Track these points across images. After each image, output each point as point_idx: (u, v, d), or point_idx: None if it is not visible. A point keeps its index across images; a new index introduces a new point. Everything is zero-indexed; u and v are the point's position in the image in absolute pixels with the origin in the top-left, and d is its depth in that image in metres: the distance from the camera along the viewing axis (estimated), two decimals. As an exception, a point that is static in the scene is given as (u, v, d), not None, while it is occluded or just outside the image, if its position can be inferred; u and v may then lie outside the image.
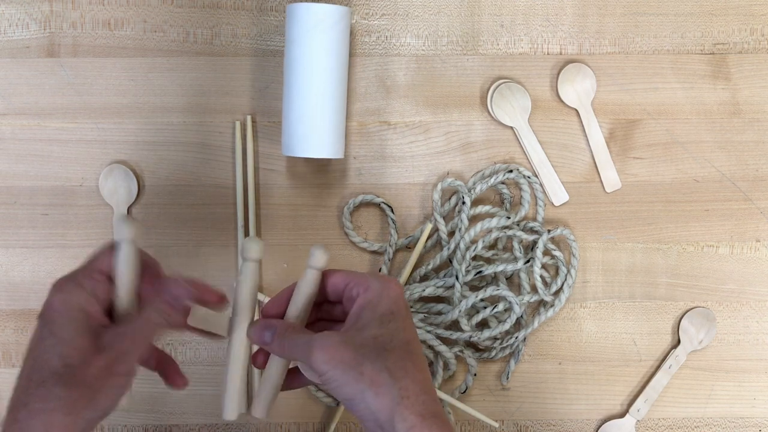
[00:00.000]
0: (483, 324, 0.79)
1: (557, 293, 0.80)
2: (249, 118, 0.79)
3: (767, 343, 0.82)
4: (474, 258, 0.78)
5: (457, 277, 0.77)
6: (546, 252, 0.79)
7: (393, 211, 0.79)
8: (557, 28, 0.79)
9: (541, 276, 0.79)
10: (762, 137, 0.80)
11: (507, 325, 0.77)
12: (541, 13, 0.79)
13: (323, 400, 0.80)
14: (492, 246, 0.80)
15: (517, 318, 0.78)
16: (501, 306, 0.77)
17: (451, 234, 0.79)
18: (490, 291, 0.77)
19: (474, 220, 0.79)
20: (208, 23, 0.79)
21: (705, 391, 0.82)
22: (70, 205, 0.79)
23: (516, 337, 0.78)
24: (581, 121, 0.80)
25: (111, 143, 0.79)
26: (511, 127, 0.80)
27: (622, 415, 0.81)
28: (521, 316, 0.78)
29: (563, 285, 0.79)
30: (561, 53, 0.80)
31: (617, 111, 0.80)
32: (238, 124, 0.79)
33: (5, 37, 0.78)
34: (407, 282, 0.79)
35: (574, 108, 0.80)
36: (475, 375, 0.80)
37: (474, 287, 0.79)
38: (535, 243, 0.78)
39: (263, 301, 0.77)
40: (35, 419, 0.50)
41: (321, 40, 0.72)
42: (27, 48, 0.78)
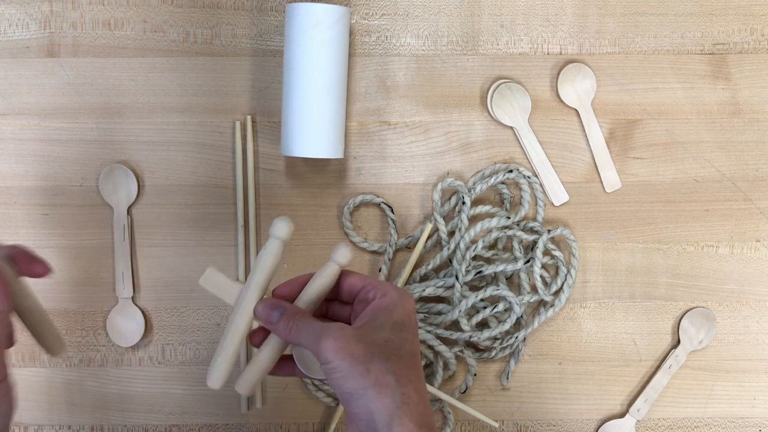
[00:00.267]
0: (483, 324, 0.79)
1: (557, 293, 0.80)
2: (249, 118, 0.79)
3: (767, 343, 0.82)
4: (474, 258, 0.78)
5: (457, 277, 0.77)
6: (546, 252, 0.79)
7: (393, 211, 0.79)
8: (557, 28, 0.79)
9: (541, 276, 0.79)
10: (762, 137, 0.80)
11: (507, 325, 0.77)
12: (541, 13, 0.79)
13: (323, 400, 0.80)
14: (492, 246, 0.80)
15: (517, 318, 0.78)
16: (501, 306, 0.77)
17: (451, 234, 0.79)
18: (490, 291, 0.77)
19: (474, 220, 0.79)
20: (208, 23, 0.79)
21: (705, 391, 0.82)
22: (70, 205, 0.79)
23: (516, 337, 0.78)
24: (581, 121, 0.80)
25: (111, 143, 0.79)
26: (511, 127, 0.80)
27: (622, 415, 0.81)
28: (521, 316, 0.78)
29: (563, 285, 0.79)
30: (561, 53, 0.80)
31: (617, 111, 0.80)
32: (238, 124, 0.79)
33: (5, 37, 0.78)
34: (407, 282, 0.79)
35: (574, 108, 0.80)
36: (475, 375, 0.80)
37: (474, 287, 0.79)
38: (535, 243, 0.78)
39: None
40: None
41: (321, 40, 0.72)
42: (27, 48, 0.78)
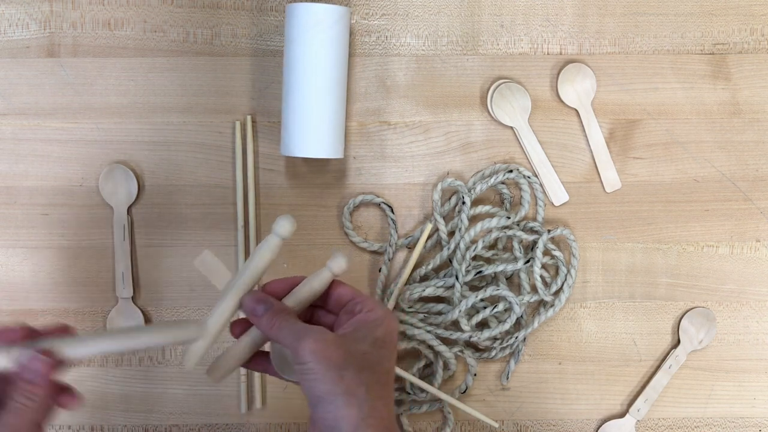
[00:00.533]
0: (483, 324, 0.79)
1: (557, 293, 0.80)
2: (249, 118, 0.79)
3: (767, 343, 0.82)
4: (474, 258, 0.78)
5: (457, 277, 0.77)
6: (546, 252, 0.79)
7: (393, 211, 0.79)
8: (557, 28, 0.79)
9: (541, 276, 0.79)
10: (762, 137, 0.80)
11: (507, 325, 0.77)
12: (541, 13, 0.79)
13: (323, 400, 0.80)
14: (492, 246, 0.79)
15: (517, 318, 0.78)
16: (501, 306, 0.77)
17: (451, 234, 0.79)
18: (490, 291, 0.77)
19: (474, 220, 0.79)
20: (208, 23, 0.79)
21: (705, 391, 0.82)
22: (70, 205, 0.79)
23: (516, 337, 0.78)
24: (581, 121, 0.80)
25: (111, 143, 0.79)
26: (511, 127, 0.80)
27: (622, 415, 0.81)
28: (521, 316, 0.78)
29: (563, 285, 0.79)
30: (561, 53, 0.80)
31: (617, 111, 0.80)
32: (238, 124, 0.79)
33: (5, 37, 0.78)
34: (407, 282, 0.79)
35: (574, 108, 0.80)
36: (475, 375, 0.80)
37: (474, 287, 0.79)
38: (535, 243, 0.78)
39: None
40: None
41: (321, 40, 0.72)
42: (27, 48, 0.78)
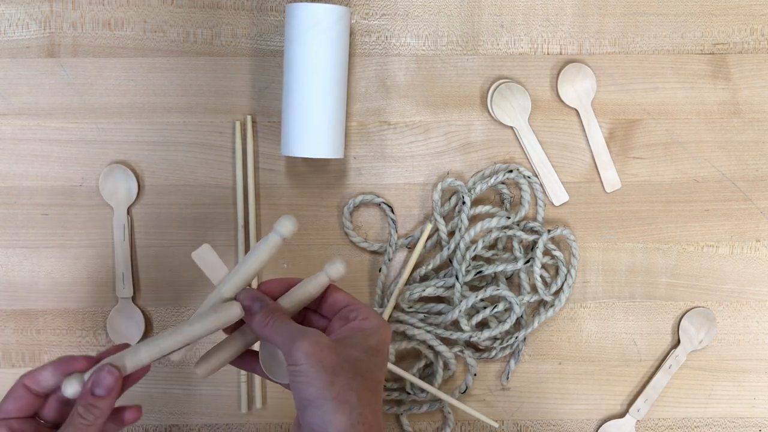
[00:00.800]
0: (483, 324, 0.79)
1: (557, 293, 0.80)
2: (249, 118, 0.79)
3: (767, 343, 0.82)
4: (474, 258, 0.78)
5: (457, 277, 0.77)
6: (546, 252, 0.79)
7: (393, 211, 0.79)
8: (557, 28, 0.79)
9: (541, 276, 0.79)
10: (762, 137, 0.80)
11: (507, 325, 0.77)
12: (541, 13, 0.79)
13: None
14: (492, 246, 0.79)
15: (517, 318, 0.78)
16: (501, 306, 0.77)
17: (451, 234, 0.79)
18: (490, 291, 0.77)
19: (474, 220, 0.79)
20: (208, 23, 0.79)
21: (705, 391, 0.82)
22: (70, 205, 0.79)
23: (516, 337, 0.78)
24: (581, 121, 0.80)
25: (111, 143, 0.79)
26: (511, 127, 0.80)
27: (622, 415, 0.81)
28: (521, 316, 0.78)
29: (563, 285, 0.79)
30: (561, 53, 0.80)
31: (617, 111, 0.80)
32: (238, 124, 0.79)
33: (5, 37, 0.78)
34: (407, 282, 0.79)
35: (574, 108, 0.80)
36: (475, 375, 0.80)
37: (474, 287, 0.79)
38: (535, 243, 0.78)
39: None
40: None
41: (321, 40, 0.72)
42: (27, 48, 0.78)
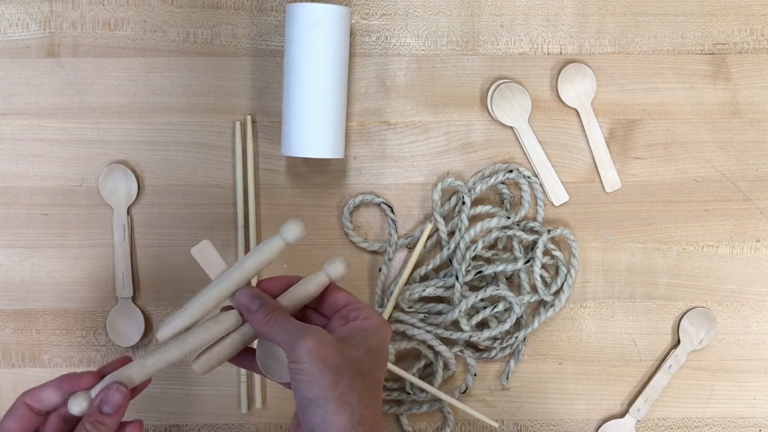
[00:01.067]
0: (483, 324, 0.79)
1: (557, 293, 0.80)
2: (249, 118, 0.79)
3: (767, 343, 0.82)
4: (474, 258, 0.78)
5: (457, 277, 0.77)
6: (546, 252, 0.79)
7: (393, 211, 0.79)
8: (557, 28, 0.79)
9: (541, 276, 0.79)
10: (762, 137, 0.80)
11: (507, 325, 0.77)
12: (541, 13, 0.79)
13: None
14: (492, 246, 0.79)
15: (517, 318, 0.78)
16: (501, 306, 0.77)
17: (451, 234, 0.79)
18: (490, 291, 0.77)
19: (474, 220, 0.79)
20: (208, 23, 0.79)
21: (705, 391, 0.82)
22: (70, 205, 0.79)
23: (516, 337, 0.78)
24: (581, 121, 0.80)
25: (111, 143, 0.79)
26: (511, 127, 0.80)
27: (622, 415, 0.81)
28: (521, 316, 0.78)
29: (563, 285, 0.79)
30: (561, 53, 0.80)
31: (617, 111, 0.80)
32: (238, 124, 0.79)
33: (5, 37, 0.78)
34: (407, 282, 0.79)
35: (574, 108, 0.80)
36: (475, 375, 0.80)
37: (474, 287, 0.79)
38: (535, 243, 0.78)
39: None
40: None
41: (321, 40, 0.72)
42: (27, 48, 0.78)
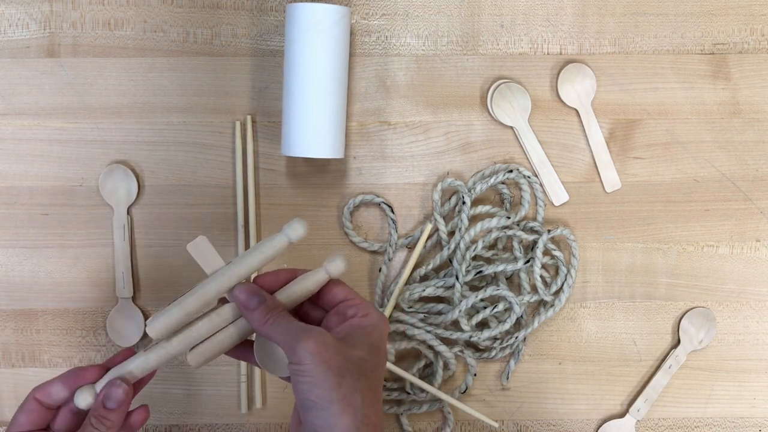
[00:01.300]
0: (483, 324, 0.79)
1: (557, 293, 0.80)
2: (249, 118, 0.79)
3: (767, 343, 0.82)
4: (474, 258, 0.78)
5: (457, 277, 0.77)
6: (546, 252, 0.79)
7: (393, 211, 0.79)
8: (557, 28, 0.79)
9: (541, 276, 0.79)
10: (762, 137, 0.80)
11: (507, 325, 0.77)
12: (541, 13, 0.79)
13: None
14: (492, 246, 0.79)
15: (517, 318, 0.78)
16: (501, 306, 0.77)
17: (451, 234, 0.79)
18: (490, 291, 0.77)
19: (474, 220, 0.79)
20: (208, 23, 0.79)
21: (705, 391, 0.82)
22: (70, 205, 0.79)
23: (516, 337, 0.78)
24: (581, 121, 0.80)
25: (111, 143, 0.79)
26: (511, 127, 0.80)
27: (622, 415, 0.81)
28: (521, 316, 0.78)
29: (563, 285, 0.79)
30: (561, 53, 0.80)
31: (617, 111, 0.80)
32: (238, 124, 0.79)
33: (5, 37, 0.78)
34: (407, 282, 0.79)
35: (574, 108, 0.80)
36: (475, 375, 0.80)
37: (474, 287, 0.79)
38: (535, 243, 0.78)
39: None
40: None
41: (321, 40, 0.72)
42: (27, 48, 0.78)
